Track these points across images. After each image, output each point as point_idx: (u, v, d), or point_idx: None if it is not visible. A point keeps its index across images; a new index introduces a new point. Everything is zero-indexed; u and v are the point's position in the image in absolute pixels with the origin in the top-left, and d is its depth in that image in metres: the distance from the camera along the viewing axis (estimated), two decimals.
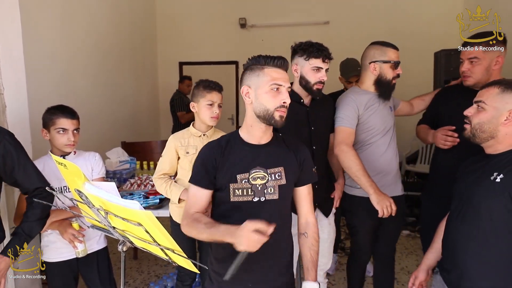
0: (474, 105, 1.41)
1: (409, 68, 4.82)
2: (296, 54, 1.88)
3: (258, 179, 1.32)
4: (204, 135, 2.02)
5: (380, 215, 1.80)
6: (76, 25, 3.41)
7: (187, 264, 1.20)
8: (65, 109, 1.91)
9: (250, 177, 1.32)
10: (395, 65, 1.96)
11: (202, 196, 1.35)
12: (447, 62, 3.20)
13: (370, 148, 2.01)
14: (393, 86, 2.00)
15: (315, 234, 1.44)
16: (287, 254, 1.44)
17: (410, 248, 3.57)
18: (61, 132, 1.86)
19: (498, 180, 1.28)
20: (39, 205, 1.60)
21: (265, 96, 1.29)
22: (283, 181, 1.35)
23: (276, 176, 1.34)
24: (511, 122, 1.31)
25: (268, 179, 1.33)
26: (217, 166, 1.33)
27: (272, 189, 1.33)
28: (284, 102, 1.29)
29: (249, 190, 1.32)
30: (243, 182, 1.32)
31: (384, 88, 1.98)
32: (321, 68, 1.82)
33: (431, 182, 2.20)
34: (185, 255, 1.13)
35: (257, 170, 1.32)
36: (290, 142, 1.45)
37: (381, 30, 5.07)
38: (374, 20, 5.21)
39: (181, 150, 2.01)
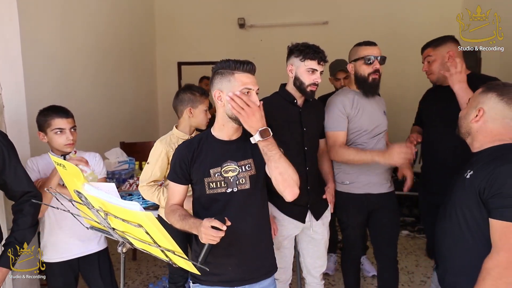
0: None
1: (408, 68, 4.86)
2: (292, 55, 1.88)
3: (230, 172, 1.44)
4: (190, 137, 2.01)
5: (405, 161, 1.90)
6: (74, 25, 3.40)
7: (188, 266, 1.20)
8: (58, 108, 1.88)
9: (222, 171, 1.44)
10: (367, 60, 1.96)
11: (178, 190, 1.51)
12: None
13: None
14: (373, 82, 2.00)
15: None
16: (265, 240, 1.56)
17: (409, 248, 3.57)
18: (59, 132, 1.84)
19: (468, 176, 1.33)
20: (29, 211, 1.58)
21: None
22: (253, 172, 1.46)
23: (246, 167, 1.46)
24: (480, 119, 1.35)
25: (239, 171, 1.44)
26: (190, 163, 1.46)
27: (244, 180, 1.45)
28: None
29: (222, 182, 1.44)
30: (216, 175, 1.44)
31: (362, 85, 2.02)
32: (316, 70, 1.83)
33: (422, 178, 2.31)
34: (186, 257, 1.12)
35: (228, 164, 1.44)
36: None
37: (380, 30, 5.06)
38: (373, 20, 5.20)
39: (171, 155, 1.98)
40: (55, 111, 1.86)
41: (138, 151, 3.42)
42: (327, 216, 2.06)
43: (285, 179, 1.35)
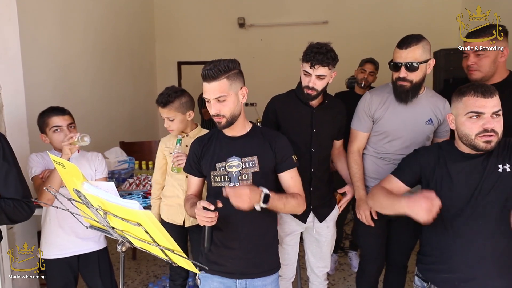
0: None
1: None
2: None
3: (234, 167, 1.50)
4: (187, 135, 2.02)
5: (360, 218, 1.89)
6: (73, 24, 3.40)
7: (187, 265, 1.19)
8: (54, 108, 1.92)
9: (226, 165, 1.50)
10: (393, 66, 1.80)
11: (193, 181, 1.63)
12: (446, 61, 3.21)
13: (373, 157, 1.95)
14: (402, 89, 1.78)
15: (293, 196, 1.53)
16: (268, 237, 1.59)
17: None
18: (57, 130, 1.86)
19: (506, 170, 1.39)
20: (3, 210, 1.50)
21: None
22: (257, 169, 1.50)
23: (250, 164, 1.50)
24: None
25: (242, 167, 1.50)
26: (200, 156, 1.57)
27: (246, 176, 1.50)
28: (213, 115, 1.47)
29: (226, 176, 1.51)
30: (220, 169, 1.51)
31: (394, 89, 1.84)
32: (309, 73, 1.75)
33: None
34: (185, 256, 1.12)
35: (232, 159, 1.50)
36: (268, 133, 1.60)
37: (380, 30, 5.06)
38: (373, 20, 5.20)
39: (166, 152, 2.03)
40: (51, 110, 1.90)
41: (138, 151, 3.42)
42: (332, 218, 2.00)
43: (290, 211, 1.57)
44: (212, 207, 1.32)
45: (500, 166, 1.39)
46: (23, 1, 2.42)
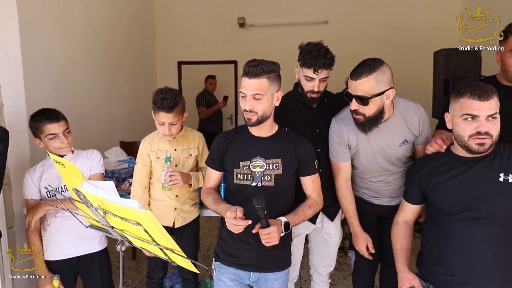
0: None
1: (408, 68, 4.86)
2: (299, 55, 1.77)
3: (257, 167, 1.53)
4: (174, 138, 1.94)
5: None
6: (73, 24, 3.40)
7: (187, 264, 1.20)
8: (49, 113, 1.83)
9: (250, 165, 1.54)
10: (346, 96, 1.63)
11: (213, 175, 1.68)
12: (446, 61, 3.19)
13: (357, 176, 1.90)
14: (356, 121, 1.65)
15: (313, 200, 1.64)
16: (284, 236, 1.56)
17: None
18: (53, 138, 1.81)
19: (508, 180, 1.39)
20: None
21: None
22: (279, 171, 1.54)
23: (274, 166, 1.54)
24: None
25: (266, 168, 1.53)
26: (224, 151, 1.60)
27: (269, 177, 1.53)
28: (245, 110, 1.50)
29: (249, 175, 1.54)
30: (244, 168, 1.54)
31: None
32: (312, 78, 1.72)
33: None
34: (184, 255, 1.12)
35: (257, 159, 1.53)
36: (293, 137, 1.61)
37: (380, 30, 5.07)
38: (373, 20, 5.20)
39: (153, 155, 1.95)
40: (45, 117, 1.81)
41: (138, 151, 3.41)
42: (339, 218, 2.01)
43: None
44: (241, 223, 1.38)
45: (502, 175, 1.37)
46: (23, 1, 2.42)
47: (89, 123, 3.52)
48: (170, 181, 1.80)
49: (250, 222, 1.39)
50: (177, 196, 1.98)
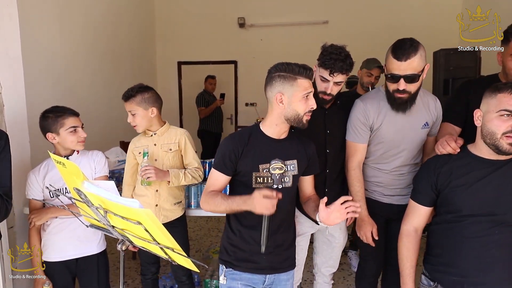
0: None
1: None
2: (320, 55, 1.77)
3: (277, 169, 1.49)
4: (154, 134, 2.05)
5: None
6: (74, 24, 3.40)
7: (187, 263, 1.20)
8: (67, 108, 1.92)
9: (270, 167, 1.50)
10: (391, 78, 1.69)
11: (222, 180, 1.56)
12: (446, 61, 3.20)
13: (373, 169, 1.90)
14: (401, 101, 1.70)
15: (316, 197, 1.65)
16: (291, 232, 1.67)
17: None
18: (73, 131, 1.88)
19: None
20: None
21: (299, 103, 1.46)
22: (296, 172, 1.56)
23: (291, 167, 1.55)
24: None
25: (285, 169, 1.51)
26: (240, 155, 1.51)
27: (288, 178, 1.54)
28: (312, 108, 1.49)
29: (269, 178, 1.51)
30: (264, 171, 1.51)
31: (390, 99, 1.75)
32: (327, 80, 1.74)
33: None
34: (185, 254, 1.12)
35: (276, 162, 1.49)
36: (302, 138, 1.64)
37: (380, 30, 5.07)
38: (373, 20, 5.21)
39: (136, 151, 2.06)
40: (66, 111, 1.89)
41: None
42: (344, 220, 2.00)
43: None
44: (274, 195, 1.32)
45: None
46: (23, 1, 2.42)
47: (89, 123, 3.48)
48: (144, 174, 1.87)
49: (280, 196, 1.35)
50: (157, 191, 2.02)
